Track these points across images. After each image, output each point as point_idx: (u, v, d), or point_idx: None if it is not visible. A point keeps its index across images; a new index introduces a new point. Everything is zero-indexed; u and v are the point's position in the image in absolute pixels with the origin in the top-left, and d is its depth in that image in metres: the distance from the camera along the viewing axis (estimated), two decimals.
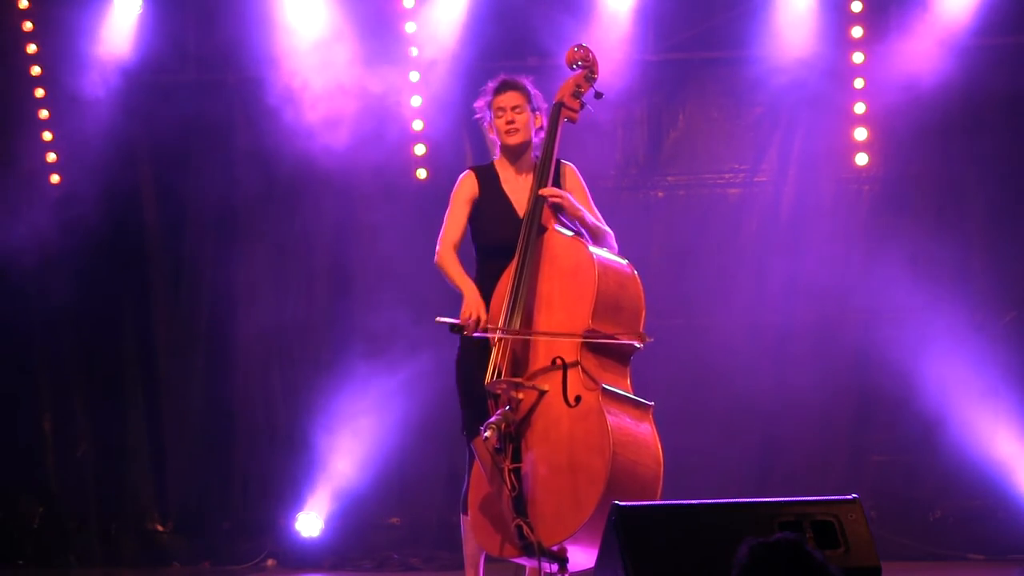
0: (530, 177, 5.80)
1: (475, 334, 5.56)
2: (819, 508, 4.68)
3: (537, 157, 5.83)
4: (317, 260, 9.15)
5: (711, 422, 8.59)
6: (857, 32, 8.59)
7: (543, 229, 5.63)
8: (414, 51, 8.93)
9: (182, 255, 9.27)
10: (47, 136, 9.24)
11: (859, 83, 8.59)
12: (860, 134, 8.60)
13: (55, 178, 9.22)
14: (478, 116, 5.97)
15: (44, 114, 9.23)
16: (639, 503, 4.82)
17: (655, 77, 8.80)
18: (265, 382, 9.17)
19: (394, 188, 8.92)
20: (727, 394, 8.59)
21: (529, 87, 5.90)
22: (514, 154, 5.87)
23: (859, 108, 8.59)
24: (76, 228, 9.02)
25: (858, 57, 8.59)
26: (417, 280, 8.67)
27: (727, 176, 8.87)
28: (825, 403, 8.60)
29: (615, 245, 5.80)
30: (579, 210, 5.73)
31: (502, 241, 5.73)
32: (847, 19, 8.61)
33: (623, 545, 4.46)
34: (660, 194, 8.93)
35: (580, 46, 5.93)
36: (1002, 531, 8.28)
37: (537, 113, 5.86)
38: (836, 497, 4.74)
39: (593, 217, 5.79)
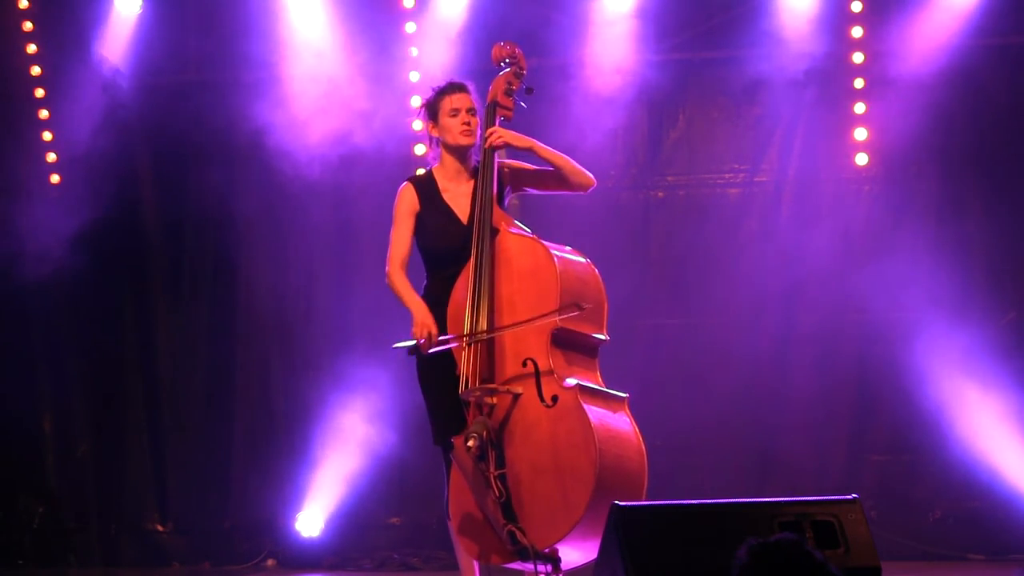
0: (471, 183, 5.78)
1: (431, 350, 5.55)
2: (819, 508, 4.68)
3: (478, 161, 5.81)
4: (317, 260, 9.15)
5: (711, 422, 8.59)
6: (857, 32, 8.59)
7: (495, 231, 5.60)
8: (414, 51, 8.93)
9: (182, 255, 9.28)
10: (47, 136, 9.25)
11: (859, 83, 8.59)
12: (860, 134, 8.60)
13: (55, 178, 9.22)
14: (418, 117, 5.93)
15: (44, 114, 9.24)
16: (639, 503, 4.83)
17: (655, 77, 8.79)
18: (265, 382, 9.18)
19: (394, 188, 8.88)
20: (727, 394, 8.59)
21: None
22: (461, 157, 5.82)
23: (859, 108, 8.59)
24: (76, 228, 9.01)
25: (858, 57, 8.59)
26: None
27: (727, 176, 8.87)
28: (825, 403, 8.59)
29: (586, 171, 5.75)
30: (527, 139, 5.70)
31: (448, 249, 5.72)
32: (847, 19, 8.60)
33: (623, 545, 4.46)
34: (660, 194, 8.93)
35: (506, 43, 5.90)
36: (1002, 531, 8.28)
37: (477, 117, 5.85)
38: (836, 497, 4.74)
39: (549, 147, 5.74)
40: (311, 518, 8.88)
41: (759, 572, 3.32)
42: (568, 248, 5.64)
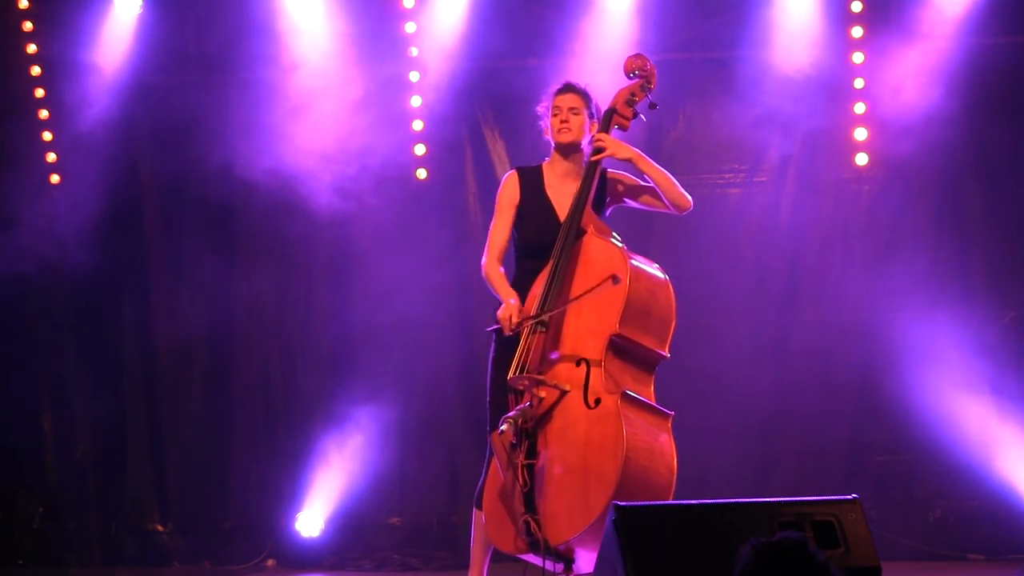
0: (576, 183, 5.82)
1: (509, 332, 5.57)
2: (819, 508, 4.69)
3: (587, 162, 5.86)
4: (317, 260, 9.15)
5: (711, 422, 8.58)
6: (857, 32, 8.59)
7: (581, 232, 5.66)
8: (414, 51, 8.93)
9: (182, 255, 9.27)
10: (47, 136, 9.24)
11: (859, 83, 8.59)
12: (860, 134, 8.60)
13: (55, 178, 9.22)
14: (540, 122, 6.01)
15: (44, 114, 9.24)
16: (638, 503, 4.83)
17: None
18: (265, 382, 9.17)
19: (394, 188, 8.91)
20: (727, 394, 8.59)
21: (591, 96, 5.94)
22: (564, 152, 5.89)
23: (859, 108, 8.59)
24: (75, 228, 9.01)
25: (858, 57, 8.59)
26: (418, 279, 8.67)
27: (727, 176, 8.87)
28: (825, 403, 8.59)
29: (685, 193, 5.86)
30: (631, 151, 5.76)
31: (540, 243, 5.78)
32: (847, 19, 8.60)
33: (623, 545, 4.46)
34: None
35: (639, 55, 5.98)
36: (1002, 531, 8.28)
37: (594, 121, 5.89)
38: (836, 497, 4.75)
39: (653, 163, 5.82)
40: (311, 518, 8.88)
41: (762, 571, 3.32)
42: (651, 262, 5.71)
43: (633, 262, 5.59)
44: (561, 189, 5.88)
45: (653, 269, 5.70)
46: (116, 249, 9.17)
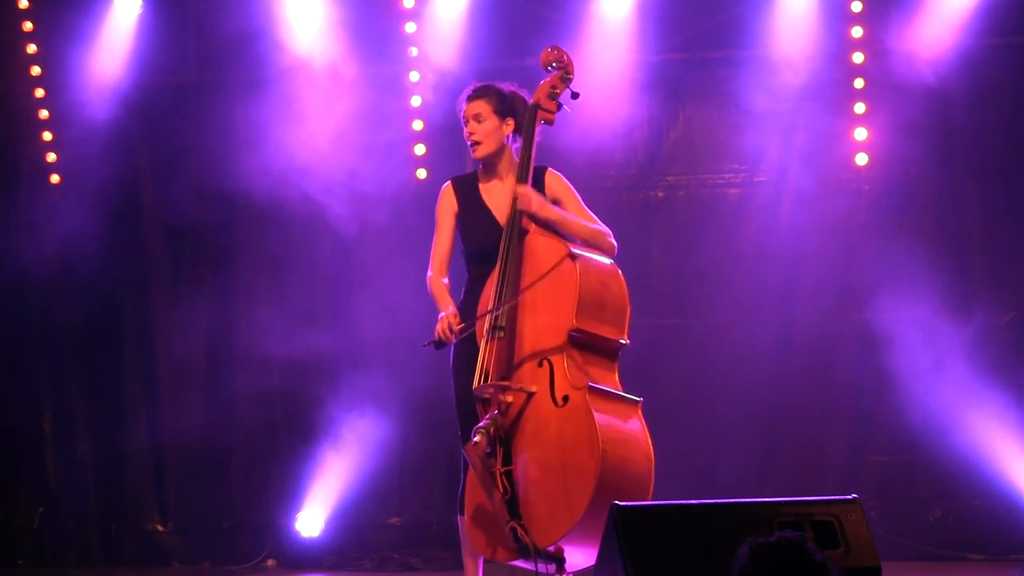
0: (511, 182, 5.77)
1: (453, 339, 5.56)
2: (819, 508, 4.68)
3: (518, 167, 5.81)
4: (317, 260, 9.15)
5: (711, 422, 8.60)
6: (857, 32, 8.59)
7: (524, 232, 5.63)
8: (414, 51, 8.93)
9: (181, 255, 9.27)
10: (47, 136, 9.24)
11: (859, 83, 8.59)
12: (860, 134, 8.60)
13: (55, 178, 9.22)
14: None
15: (44, 114, 9.24)
16: (639, 503, 4.83)
17: (655, 77, 8.79)
18: (265, 382, 9.16)
19: (394, 188, 8.91)
20: (727, 394, 8.59)
21: (501, 90, 5.86)
22: (484, 163, 5.86)
23: (859, 108, 8.59)
24: (76, 228, 9.02)
25: (858, 57, 8.59)
26: (418, 279, 8.65)
27: (727, 176, 8.87)
28: (825, 403, 8.59)
29: (613, 243, 5.73)
30: (552, 213, 5.64)
31: (484, 249, 5.75)
32: (847, 19, 8.61)
33: (623, 545, 4.46)
34: (660, 194, 8.93)
35: (554, 47, 5.90)
36: (1002, 531, 8.28)
37: (509, 118, 5.81)
38: (836, 497, 4.74)
39: (577, 218, 5.71)
40: (311, 518, 8.88)
41: (760, 572, 3.32)
42: (595, 251, 5.65)
43: (579, 253, 5.52)
44: (497, 192, 5.82)
45: (599, 258, 5.63)
46: (116, 248, 9.17)
